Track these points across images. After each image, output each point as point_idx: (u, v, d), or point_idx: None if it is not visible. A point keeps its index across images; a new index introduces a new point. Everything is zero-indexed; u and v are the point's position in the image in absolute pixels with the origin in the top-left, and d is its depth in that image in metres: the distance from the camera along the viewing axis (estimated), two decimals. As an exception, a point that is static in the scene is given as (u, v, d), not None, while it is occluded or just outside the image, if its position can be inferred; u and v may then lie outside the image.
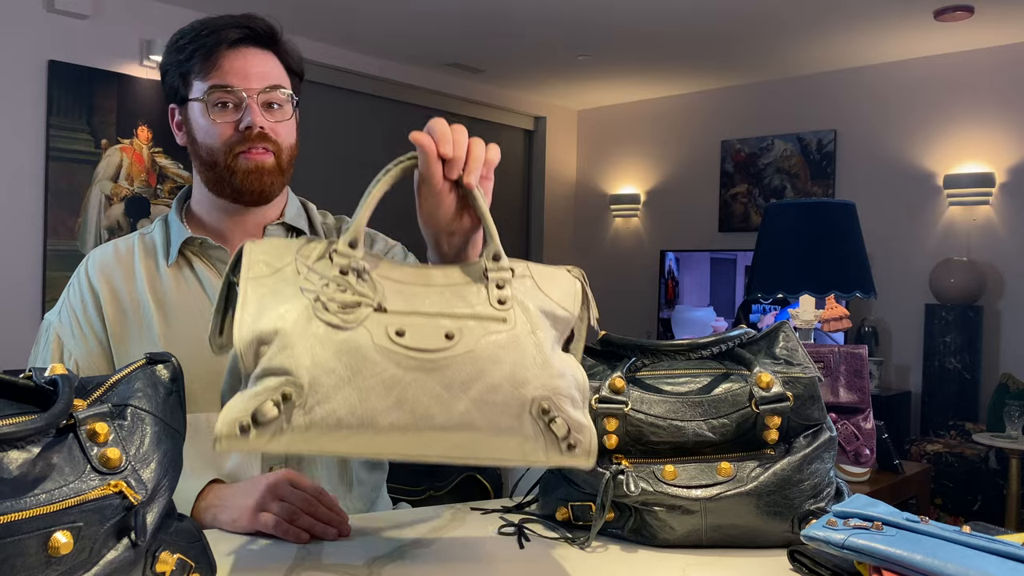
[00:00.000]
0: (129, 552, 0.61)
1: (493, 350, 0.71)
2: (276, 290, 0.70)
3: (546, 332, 0.74)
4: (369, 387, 0.67)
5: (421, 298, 0.73)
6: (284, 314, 0.68)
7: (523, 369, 0.71)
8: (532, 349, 0.72)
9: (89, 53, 3.95)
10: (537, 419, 0.71)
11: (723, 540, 0.90)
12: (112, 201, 4.03)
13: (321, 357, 0.67)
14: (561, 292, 0.78)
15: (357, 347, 0.68)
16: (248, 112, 1.12)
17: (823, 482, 0.91)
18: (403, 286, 0.73)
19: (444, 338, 0.70)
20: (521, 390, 0.71)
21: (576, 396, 0.74)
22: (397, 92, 5.28)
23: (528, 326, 0.73)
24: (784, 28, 4.41)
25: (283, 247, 0.73)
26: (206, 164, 1.16)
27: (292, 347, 0.66)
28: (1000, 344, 4.56)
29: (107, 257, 1.20)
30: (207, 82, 1.13)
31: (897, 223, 4.89)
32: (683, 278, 5.66)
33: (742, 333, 0.99)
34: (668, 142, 6.03)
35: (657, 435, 0.91)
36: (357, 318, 0.69)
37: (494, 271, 0.75)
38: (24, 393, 0.62)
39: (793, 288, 2.36)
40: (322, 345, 0.67)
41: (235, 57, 1.13)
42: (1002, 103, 4.57)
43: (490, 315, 0.72)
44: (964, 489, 4.01)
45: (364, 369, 0.67)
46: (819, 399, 0.93)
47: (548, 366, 0.72)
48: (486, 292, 0.74)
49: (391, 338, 0.69)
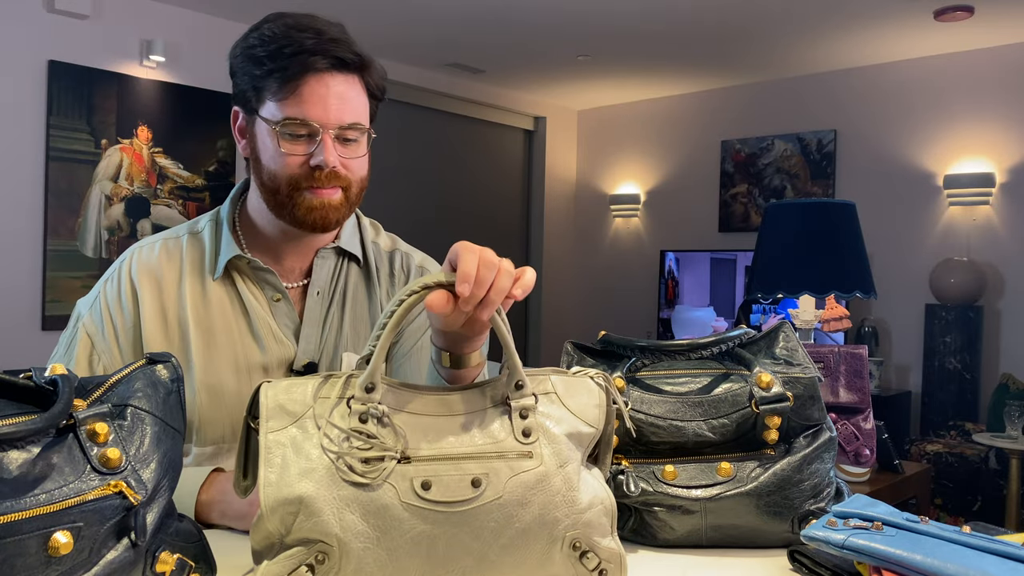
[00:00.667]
0: (129, 552, 0.61)
1: (521, 492, 0.70)
2: (297, 445, 0.69)
3: (573, 463, 0.73)
4: (397, 546, 0.68)
5: (444, 435, 0.72)
6: (308, 477, 0.68)
7: (552, 509, 0.71)
8: (561, 485, 0.72)
9: (89, 53, 3.95)
10: (568, 555, 0.72)
11: (723, 540, 0.90)
12: (112, 201, 4.03)
13: (349, 521, 0.67)
14: (585, 405, 0.76)
15: (384, 507, 0.68)
16: (321, 148, 1.03)
17: (823, 482, 0.91)
18: (425, 420, 0.72)
19: (471, 486, 0.69)
20: (552, 531, 0.71)
21: (605, 523, 0.74)
22: (397, 92, 5.28)
23: (555, 461, 0.72)
24: (784, 28, 4.41)
25: (299, 390, 0.72)
26: (267, 188, 1.07)
27: (319, 514, 0.67)
28: (1000, 344, 4.56)
29: (153, 260, 1.13)
30: (282, 109, 1.03)
31: (897, 223, 4.89)
32: (683, 278, 5.66)
33: (742, 333, 0.99)
34: (668, 142, 6.03)
35: (657, 435, 0.91)
36: (382, 473, 0.69)
37: (516, 399, 0.74)
38: (24, 393, 0.62)
39: (793, 288, 2.36)
40: (349, 508, 0.67)
41: (317, 84, 1.03)
42: (1002, 103, 4.57)
43: (516, 451, 0.72)
44: (964, 489, 4.01)
45: (392, 529, 0.68)
46: (819, 399, 0.93)
47: (576, 502, 0.72)
48: (510, 423, 0.73)
49: (417, 493, 0.68)
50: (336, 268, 1.18)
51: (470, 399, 0.74)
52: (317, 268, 1.15)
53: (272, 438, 0.70)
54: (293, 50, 1.02)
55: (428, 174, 5.70)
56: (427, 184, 5.68)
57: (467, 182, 6.03)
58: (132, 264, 1.12)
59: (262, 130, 1.06)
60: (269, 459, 0.69)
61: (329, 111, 1.03)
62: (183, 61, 4.27)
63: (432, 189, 5.73)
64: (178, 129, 4.24)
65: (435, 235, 5.49)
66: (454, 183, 5.93)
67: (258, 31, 1.06)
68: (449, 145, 5.89)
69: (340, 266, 1.18)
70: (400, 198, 5.39)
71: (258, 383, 0.73)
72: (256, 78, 1.04)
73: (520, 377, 0.74)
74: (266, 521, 0.68)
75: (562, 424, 0.74)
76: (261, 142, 1.07)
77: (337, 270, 1.18)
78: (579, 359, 1.00)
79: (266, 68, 1.03)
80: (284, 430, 0.70)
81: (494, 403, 0.74)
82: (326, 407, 0.71)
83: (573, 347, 1.01)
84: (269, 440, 0.69)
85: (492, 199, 6.22)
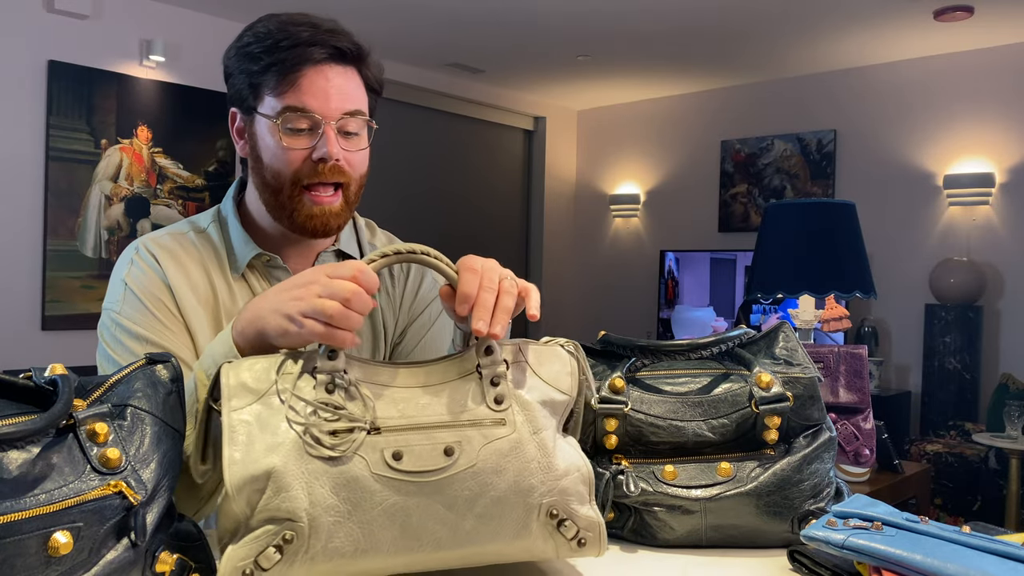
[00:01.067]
0: (129, 552, 0.61)
1: (495, 459, 0.69)
2: (262, 422, 0.67)
3: (548, 430, 0.72)
4: (371, 519, 0.66)
5: (413, 405, 0.70)
6: (274, 452, 0.65)
7: (528, 476, 0.70)
8: (535, 452, 0.70)
9: (89, 53, 3.95)
10: (545, 524, 0.71)
11: (723, 540, 0.90)
12: (112, 201, 4.03)
13: (319, 495, 0.65)
14: (557, 373, 0.76)
15: (354, 479, 0.66)
16: (324, 141, 1.01)
17: (823, 482, 0.91)
18: (394, 391, 0.71)
19: (443, 455, 0.68)
20: (527, 498, 0.70)
21: (583, 491, 0.73)
22: (397, 92, 5.28)
23: (529, 428, 0.71)
24: (784, 28, 4.41)
25: (263, 367, 0.70)
26: (269, 188, 1.05)
27: (287, 489, 0.64)
28: (1000, 344, 4.56)
29: (167, 241, 1.08)
30: (281, 101, 1.01)
31: (897, 223, 4.89)
32: (683, 278, 5.66)
33: (742, 333, 0.99)
34: (668, 142, 6.03)
35: (657, 435, 0.91)
36: (351, 445, 0.66)
37: (487, 366, 0.73)
38: (24, 393, 0.62)
39: (793, 288, 2.36)
40: (318, 481, 0.65)
41: (315, 75, 1.01)
42: (1002, 103, 4.57)
43: (489, 419, 0.70)
44: (964, 489, 4.01)
45: (364, 501, 0.66)
46: (819, 399, 0.93)
47: (552, 468, 0.71)
48: (481, 391, 0.72)
49: (388, 464, 0.67)
50: None
51: (440, 369, 0.73)
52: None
53: (235, 416, 0.67)
54: (290, 43, 1.00)
55: (428, 174, 5.70)
56: (427, 184, 5.68)
57: (467, 182, 6.03)
58: (154, 252, 1.07)
59: (262, 127, 1.04)
60: (233, 438, 0.66)
61: (330, 101, 1.01)
62: (183, 61, 4.27)
63: (432, 189, 5.73)
64: (178, 129, 4.24)
65: (435, 235, 5.49)
66: (454, 183, 5.92)
67: (252, 30, 1.04)
68: (449, 145, 5.89)
69: None
70: (400, 198, 5.38)
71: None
72: (253, 75, 1.03)
73: (489, 342, 0.73)
74: (232, 502, 0.65)
75: (534, 392, 0.73)
76: (261, 140, 1.05)
77: None
78: (579, 359, 1.00)
79: (263, 63, 1.01)
80: (248, 407, 0.68)
81: (465, 372, 0.73)
82: (290, 381, 0.69)
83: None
84: (232, 419, 0.67)
85: (492, 199, 6.22)
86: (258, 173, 1.07)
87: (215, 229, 1.12)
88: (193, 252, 1.08)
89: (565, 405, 0.75)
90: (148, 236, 1.10)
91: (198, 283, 1.06)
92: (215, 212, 1.15)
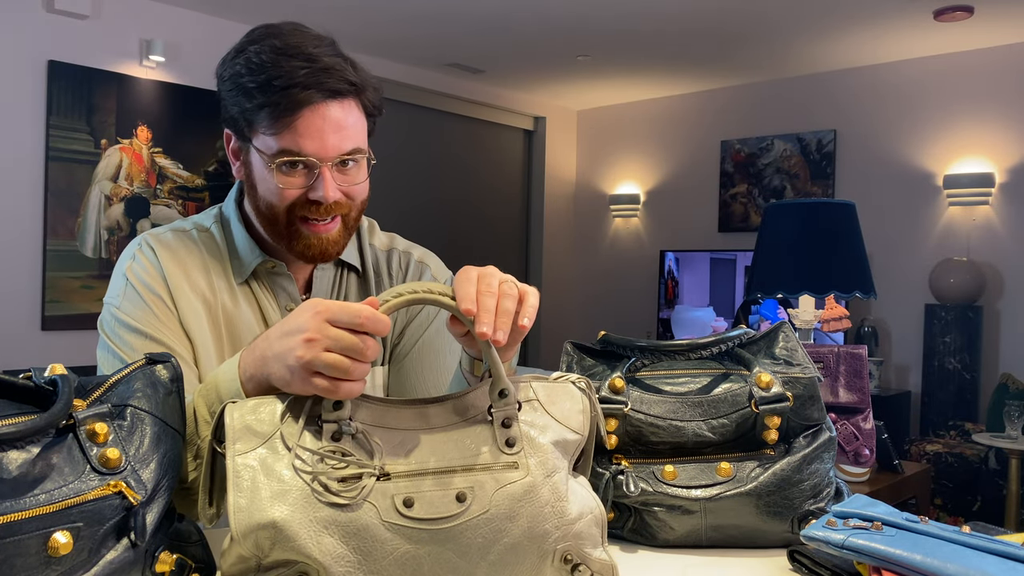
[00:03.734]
0: (129, 552, 0.61)
1: (508, 505, 0.67)
2: (267, 467, 0.66)
3: (561, 471, 0.70)
4: (381, 568, 0.65)
5: (424, 450, 0.68)
6: (281, 500, 0.64)
7: (541, 521, 0.68)
8: (549, 496, 0.69)
9: (89, 53, 3.95)
10: (560, 569, 0.70)
11: (723, 540, 0.90)
12: (112, 201, 4.03)
13: (328, 545, 0.64)
14: (569, 411, 0.74)
15: (364, 527, 0.64)
16: (320, 183, 0.98)
17: (823, 482, 0.91)
18: (402, 435, 0.69)
19: (456, 501, 0.66)
20: (541, 544, 0.68)
21: (596, 533, 0.71)
22: (397, 92, 5.28)
23: (542, 471, 0.69)
24: (784, 28, 4.41)
25: (267, 409, 0.69)
26: (264, 216, 1.03)
27: (295, 539, 0.63)
28: (1000, 344, 4.56)
29: (170, 241, 1.06)
30: (277, 142, 0.98)
31: (897, 223, 4.89)
32: (683, 278, 5.66)
33: (742, 333, 0.99)
34: (668, 142, 6.03)
35: (657, 435, 0.91)
36: (361, 492, 0.65)
37: (499, 408, 0.71)
38: (24, 393, 0.62)
39: (793, 288, 2.36)
40: (327, 531, 0.64)
41: (312, 115, 0.97)
42: (1002, 103, 4.57)
43: (501, 463, 0.69)
44: (964, 489, 4.01)
45: (375, 551, 0.64)
46: (819, 399, 0.93)
47: (566, 512, 0.69)
48: (493, 433, 0.70)
49: (399, 511, 0.65)
50: (335, 280, 1.17)
51: (449, 410, 0.71)
52: (317, 280, 1.14)
53: (240, 461, 0.66)
54: (283, 83, 0.96)
55: (428, 174, 5.70)
56: (427, 184, 5.68)
57: (467, 182, 6.03)
58: (149, 240, 1.07)
59: (257, 160, 1.02)
60: (238, 483, 0.65)
61: (327, 143, 0.98)
62: (183, 61, 4.27)
63: (432, 189, 5.73)
64: (178, 129, 4.24)
65: (435, 235, 5.49)
66: (454, 183, 5.92)
67: (244, 55, 0.99)
68: (449, 145, 5.89)
69: (339, 277, 1.17)
70: (400, 198, 5.38)
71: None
72: (247, 111, 0.99)
73: (504, 385, 0.71)
74: (238, 546, 0.64)
75: (547, 432, 0.71)
76: (256, 171, 1.03)
77: (336, 282, 1.17)
78: (579, 359, 1.00)
79: (256, 102, 0.97)
80: (252, 452, 0.66)
81: (475, 413, 0.71)
82: (295, 428, 0.67)
83: (573, 347, 1.01)
84: (237, 463, 0.66)
85: (492, 199, 6.22)
86: (253, 199, 1.05)
87: (217, 230, 1.11)
88: (195, 250, 1.08)
89: (577, 445, 0.74)
90: (151, 232, 1.09)
91: (198, 282, 1.05)
92: (217, 212, 1.15)
